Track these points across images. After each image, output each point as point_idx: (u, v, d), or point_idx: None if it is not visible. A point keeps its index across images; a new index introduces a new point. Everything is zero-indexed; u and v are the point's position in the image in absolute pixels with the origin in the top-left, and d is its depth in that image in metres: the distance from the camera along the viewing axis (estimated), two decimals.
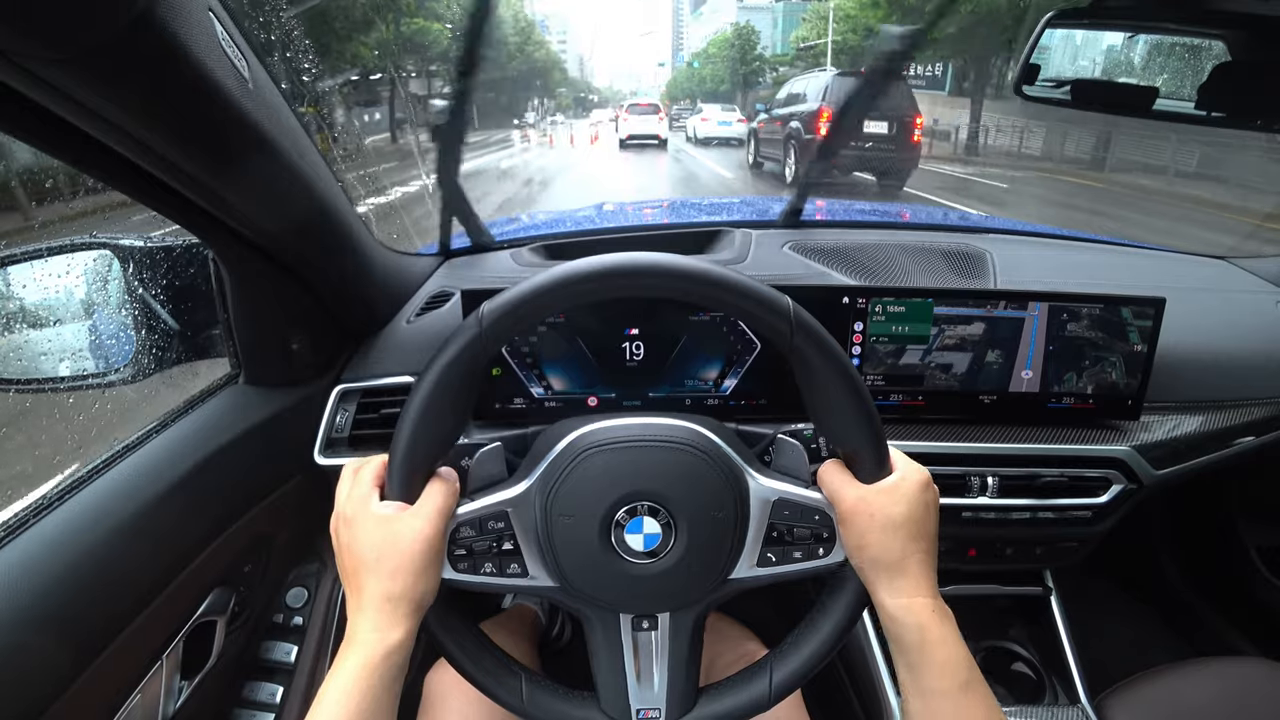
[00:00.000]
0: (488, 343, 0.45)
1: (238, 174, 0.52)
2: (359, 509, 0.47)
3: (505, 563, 0.49)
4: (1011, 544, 0.96)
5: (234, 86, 0.45)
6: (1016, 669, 1.02)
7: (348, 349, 0.87)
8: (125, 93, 0.39)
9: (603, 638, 0.51)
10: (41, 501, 0.56)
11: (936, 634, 0.46)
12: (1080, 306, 0.84)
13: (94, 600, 0.54)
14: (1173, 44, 1.17)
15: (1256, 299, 1.09)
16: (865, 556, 0.48)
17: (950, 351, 0.85)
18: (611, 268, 0.45)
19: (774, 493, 0.50)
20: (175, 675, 0.66)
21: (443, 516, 0.47)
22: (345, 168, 1.42)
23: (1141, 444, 0.90)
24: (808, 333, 0.45)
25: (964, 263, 1.05)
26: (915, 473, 0.48)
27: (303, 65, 0.90)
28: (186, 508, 0.64)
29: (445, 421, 0.46)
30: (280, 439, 0.78)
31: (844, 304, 0.83)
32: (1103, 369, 0.87)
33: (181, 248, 0.73)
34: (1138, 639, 1.38)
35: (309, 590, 0.89)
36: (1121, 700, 0.82)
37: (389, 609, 0.45)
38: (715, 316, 0.78)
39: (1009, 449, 0.87)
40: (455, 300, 0.91)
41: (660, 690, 0.51)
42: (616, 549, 0.48)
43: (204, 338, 0.77)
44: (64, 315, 0.73)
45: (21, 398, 0.71)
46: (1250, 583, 1.25)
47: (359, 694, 0.42)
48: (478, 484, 0.52)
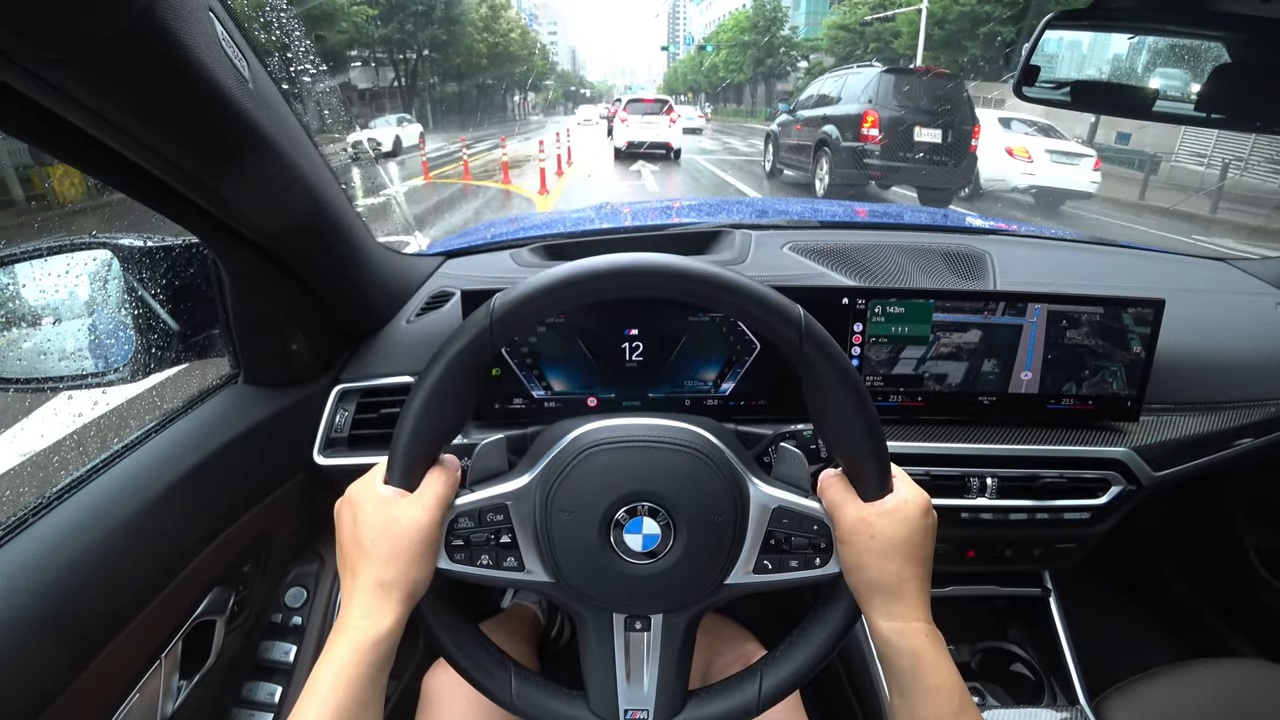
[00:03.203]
0: (497, 335, 0.45)
1: (237, 174, 0.52)
2: (363, 491, 0.47)
3: (502, 556, 0.49)
4: (1010, 545, 0.96)
5: (234, 86, 0.45)
6: (1015, 670, 1.02)
7: (347, 349, 0.87)
8: (125, 93, 0.39)
9: (595, 636, 0.52)
10: (41, 501, 0.56)
11: (930, 658, 0.46)
12: (1080, 312, 0.84)
13: (93, 599, 0.54)
14: (1172, 46, 1.17)
15: (1256, 300, 1.09)
16: (861, 577, 0.48)
17: (950, 353, 0.85)
18: (622, 267, 0.45)
19: (774, 500, 0.50)
20: (174, 675, 0.66)
21: (441, 506, 0.47)
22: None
23: (1141, 445, 0.90)
24: (817, 343, 0.45)
25: (963, 264, 1.05)
26: (916, 496, 0.48)
27: (303, 66, 0.90)
28: (186, 507, 0.64)
29: (449, 412, 0.47)
30: (280, 439, 0.78)
31: (843, 305, 0.83)
32: (1103, 379, 0.87)
33: (181, 248, 0.73)
34: (1137, 640, 1.38)
35: (308, 590, 0.88)
36: (1120, 701, 0.82)
37: (380, 595, 0.45)
38: (715, 317, 0.78)
39: (1008, 450, 0.87)
40: (455, 300, 0.91)
41: (649, 691, 0.51)
42: (615, 548, 0.48)
43: (203, 338, 0.77)
44: (64, 314, 0.73)
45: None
46: (1249, 584, 1.25)
47: (348, 680, 0.43)
48: (478, 476, 0.52)
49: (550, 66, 73.43)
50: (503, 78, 39.12)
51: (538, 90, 56.05)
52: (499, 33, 32.65)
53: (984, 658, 1.05)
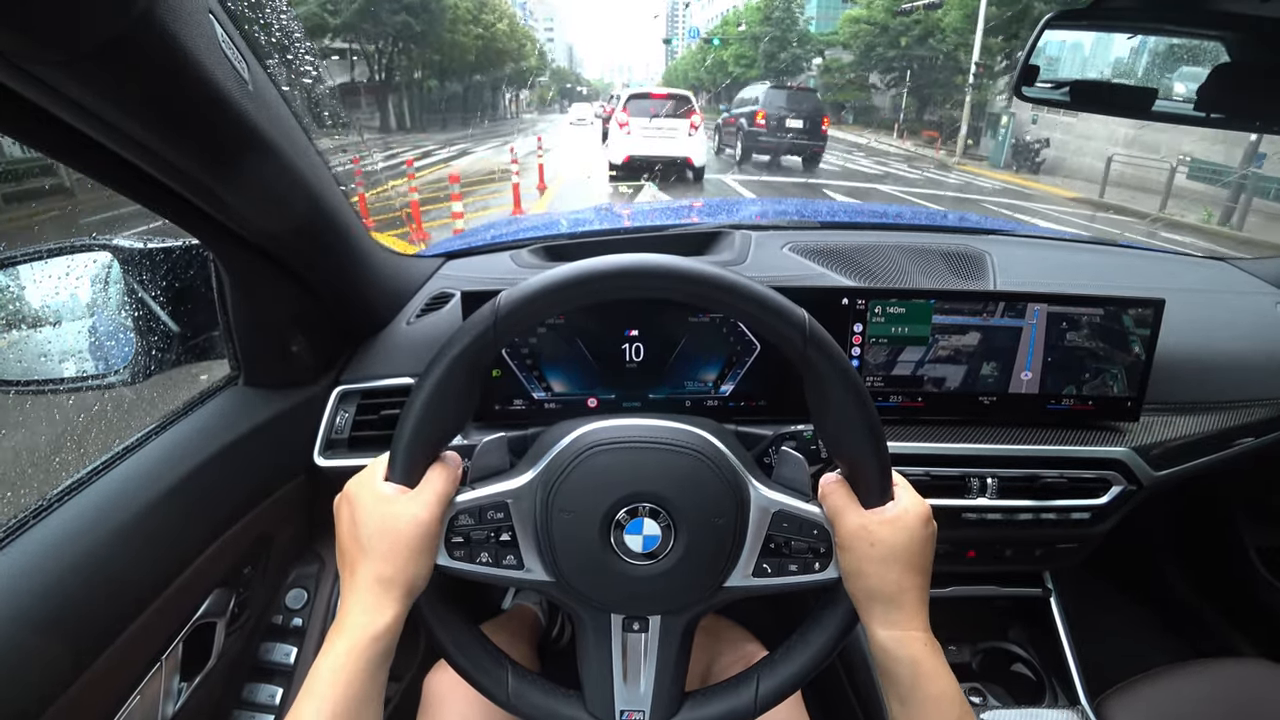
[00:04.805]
0: (500, 334, 0.45)
1: (237, 175, 0.52)
2: (362, 487, 0.47)
3: (502, 554, 0.49)
4: (1011, 545, 0.96)
5: (234, 88, 0.45)
6: (1016, 670, 1.02)
7: (347, 350, 0.87)
8: (125, 94, 0.39)
9: (593, 636, 0.52)
10: (41, 503, 0.56)
11: (929, 667, 0.46)
12: (1080, 315, 0.84)
13: (93, 602, 0.54)
14: (1171, 48, 1.17)
15: (1256, 300, 1.09)
16: (861, 585, 0.48)
17: (950, 354, 0.85)
18: (625, 268, 0.45)
19: (774, 504, 0.50)
20: (175, 677, 0.65)
21: (440, 503, 0.47)
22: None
23: (1141, 445, 0.90)
24: (820, 346, 0.45)
25: (963, 264, 1.05)
26: (917, 505, 0.48)
27: (303, 67, 0.90)
28: (186, 510, 0.64)
29: (451, 410, 0.47)
30: (280, 440, 0.78)
31: (843, 305, 0.83)
32: (1104, 380, 0.87)
33: (181, 249, 0.73)
34: (1137, 640, 1.38)
35: (308, 591, 0.88)
36: (1121, 701, 0.82)
37: (379, 591, 0.45)
38: (715, 318, 0.78)
39: (1008, 450, 0.87)
40: (455, 301, 0.91)
41: (646, 692, 0.51)
42: (615, 548, 0.48)
43: (204, 339, 0.77)
44: (64, 316, 0.73)
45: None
46: (1250, 584, 1.25)
47: (347, 677, 0.43)
48: (479, 474, 0.52)
49: (545, 63, 70.09)
50: (491, 74, 34.98)
51: (531, 87, 53.76)
52: (484, 24, 29.46)
53: (985, 658, 1.05)
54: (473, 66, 30.10)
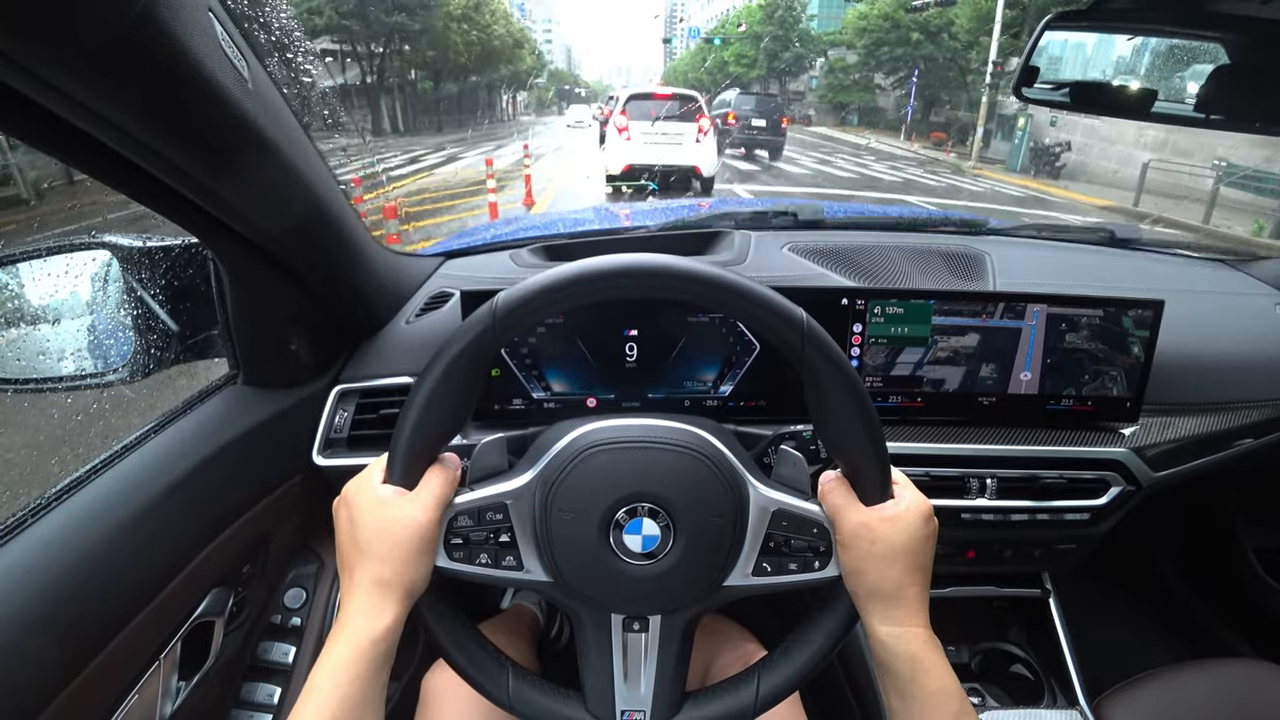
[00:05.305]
0: (500, 333, 0.45)
1: (237, 174, 0.52)
2: (359, 490, 0.47)
3: (501, 555, 0.49)
4: (1010, 546, 0.96)
5: (234, 87, 0.45)
6: (1015, 671, 1.02)
7: (346, 349, 0.87)
8: (125, 93, 0.39)
9: (593, 637, 0.52)
10: (40, 502, 0.56)
11: (929, 664, 0.46)
12: (1079, 316, 0.84)
13: (92, 601, 0.54)
14: (1173, 48, 1.17)
15: (1256, 302, 1.09)
16: (861, 582, 0.48)
17: (949, 355, 0.85)
18: (625, 268, 0.45)
19: (774, 503, 0.50)
20: (173, 676, 0.65)
21: (439, 505, 0.47)
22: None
23: (1140, 446, 0.90)
24: (819, 346, 0.45)
25: (963, 264, 1.05)
26: (918, 503, 0.48)
27: (303, 66, 0.90)
28: (185, 508, 0.64)
29: (450, 410, 0.47)
30: (279, 440, 0.78)
31: (843, 305, 0.83)
32: (1103, 381, 0.87)
33: (181, 248, 0.73)
34: (1136, 641, 1.38)
35: (307, 591, 0.88)
36: (1120, 702, 0.82)
37: (378, 593, 0.45)
38: (714, 318, 0.78)
39: (1008, 450, 0.87)
40: (455, 301, 0.91)
41: (646, 692, 0.51)
42: (614, 548, 0.48)
43: (203, 338, 0.77)
44: (63, 314, 0.73)
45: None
46: (1249, 584, 1.25)
47: (348, 679, 0.43)
48: (478, 475, 0.52)
49: (543, 64, 69.35)
50: (487, 75, 33.47)
51: (529, 89, 53.07)
52: (479, 25, 28.12)
53: (984, 658, 1.05)
54: (468, 68, 29.65)
